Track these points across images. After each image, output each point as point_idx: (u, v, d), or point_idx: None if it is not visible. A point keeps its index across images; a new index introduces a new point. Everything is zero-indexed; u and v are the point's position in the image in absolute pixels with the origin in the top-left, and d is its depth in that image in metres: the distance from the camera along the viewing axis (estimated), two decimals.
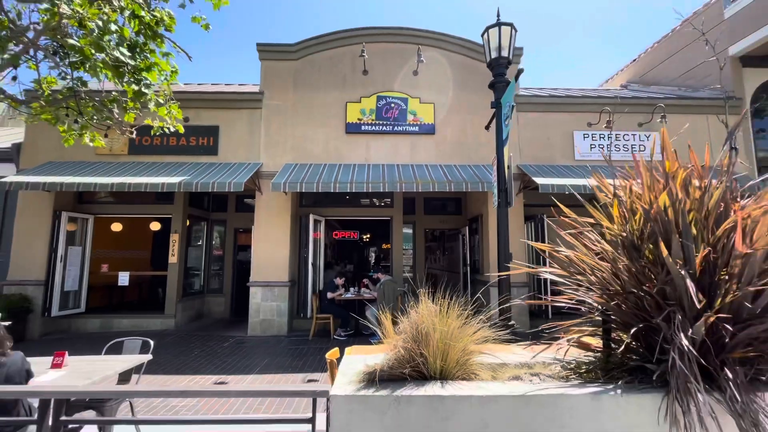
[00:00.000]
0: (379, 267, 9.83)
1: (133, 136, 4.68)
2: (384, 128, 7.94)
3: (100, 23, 3.22)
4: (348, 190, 6.80)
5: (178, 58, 5.63)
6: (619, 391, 1.69)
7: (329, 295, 7.40)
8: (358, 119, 7.94)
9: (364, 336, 7.15)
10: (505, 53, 4.52)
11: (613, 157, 8.01)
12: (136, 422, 2.80)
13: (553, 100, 8.33)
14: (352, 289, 7.94)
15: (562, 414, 1.65)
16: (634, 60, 12.95)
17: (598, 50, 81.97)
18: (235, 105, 7.91)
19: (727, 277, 1.72)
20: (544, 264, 2.87)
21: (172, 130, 4.72)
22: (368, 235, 12.70)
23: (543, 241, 7.93)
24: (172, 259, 8.06)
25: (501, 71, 4.54)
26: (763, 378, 1.73)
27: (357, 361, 2.06)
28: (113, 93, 4.26)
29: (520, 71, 4.32)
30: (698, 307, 1.65)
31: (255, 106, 7.90)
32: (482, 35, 4.69)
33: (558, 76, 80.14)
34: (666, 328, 1.66)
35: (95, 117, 4.23)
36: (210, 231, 9.43)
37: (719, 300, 1.68)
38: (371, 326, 1.83)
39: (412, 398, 1.65)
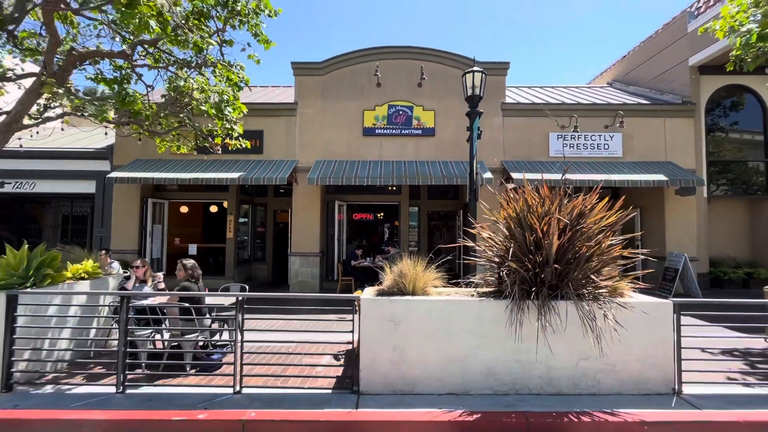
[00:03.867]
0: (390, 242, 11.96)
1: (219, 152, 6.76)
2: (393, 131, 9.84)
3: (218, 90, 5.26)
4: (365, 183, 8.81)
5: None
6: (492, 299, 3.74)
7: (352, 263, 9.58)
8: (373, 124, 9.84)
9: None
10: (477, 91, 6.36)
11: (582, 153, 9.74)
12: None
13: (533, 106, 10.01)
14: (368, 259, 10.09)
15: (464, 308, 3.71)
16: (624, 56, 14.20)
17: (595, 45, 79.24)
18: (276, 113, 9.91)
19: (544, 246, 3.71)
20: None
21: (242, 146, 6.78)
22: (381, 215, 14.78)
23: None
24: (229, 234, 10.35)
25: (474, 104, 6.39)
26: (561, 294, 3.74)
27: (372, 289, 4.17)
28: (209, 125, 6.31)
29: (480, 113, 6.17)
30: (524, 261, 3.67)
31: (291, 114, 9.88)
32: (462, 77, 6.52)
33: (555, 70, 78.41)
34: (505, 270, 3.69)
35: (197, 141, 6.33)
36: (254, 212, 11.66)
37: (539, 257, 3.69)
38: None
39: (397, 300, 3.74)
